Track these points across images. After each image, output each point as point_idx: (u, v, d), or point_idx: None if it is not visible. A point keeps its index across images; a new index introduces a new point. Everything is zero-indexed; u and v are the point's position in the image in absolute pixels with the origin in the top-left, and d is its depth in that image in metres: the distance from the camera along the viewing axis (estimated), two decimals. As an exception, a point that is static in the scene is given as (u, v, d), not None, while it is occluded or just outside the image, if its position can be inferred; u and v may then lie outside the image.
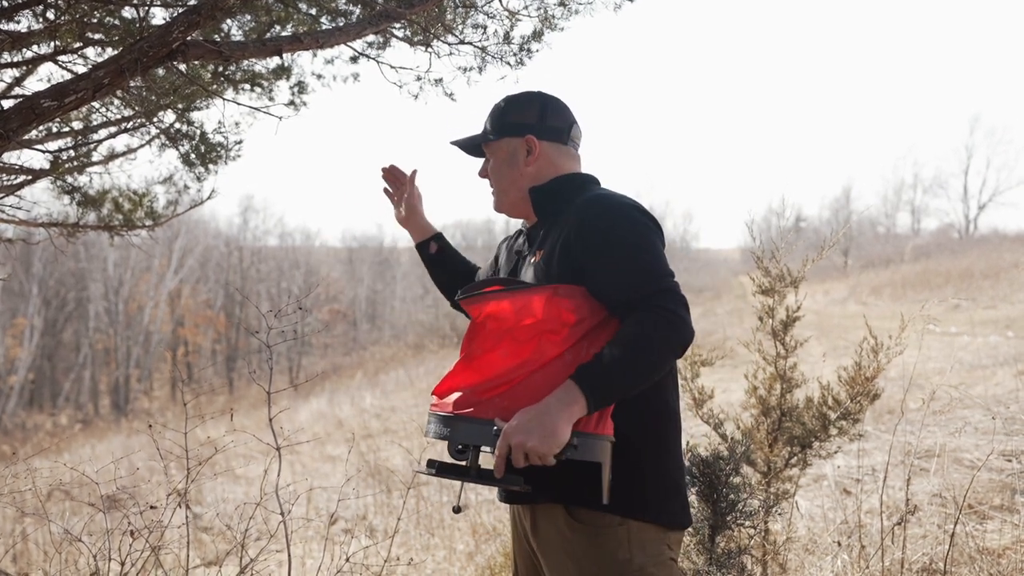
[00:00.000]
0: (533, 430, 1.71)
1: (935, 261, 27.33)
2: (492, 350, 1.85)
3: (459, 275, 2.49)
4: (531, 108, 2.11)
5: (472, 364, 1.87)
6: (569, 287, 1.88)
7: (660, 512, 1.92)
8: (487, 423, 1.78)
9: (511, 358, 1.83)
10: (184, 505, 2.93)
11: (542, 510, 1.96)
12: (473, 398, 1.83)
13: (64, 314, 37.66)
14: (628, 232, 1.88)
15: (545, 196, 2.07)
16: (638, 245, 1.87)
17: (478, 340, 1.88)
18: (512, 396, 1.81)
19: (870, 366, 3.34)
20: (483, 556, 4.96)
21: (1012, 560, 3.58)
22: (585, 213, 1.92)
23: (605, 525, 1.87)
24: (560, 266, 1.92)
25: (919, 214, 51.04)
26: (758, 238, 3.60)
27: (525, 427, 1.71)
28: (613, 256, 1.86)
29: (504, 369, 1.83)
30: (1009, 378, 7.75)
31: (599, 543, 1.87)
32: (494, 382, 1.83)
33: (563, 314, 1.85)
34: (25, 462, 4.20)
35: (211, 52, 2.94)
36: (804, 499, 5.05)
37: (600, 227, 1.89)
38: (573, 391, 1.73)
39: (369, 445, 11.40)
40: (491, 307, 1.87)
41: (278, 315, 2.74)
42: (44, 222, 4.83)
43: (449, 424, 1.82)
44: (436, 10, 3.66)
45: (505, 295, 1.87)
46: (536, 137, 2.09)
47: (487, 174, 2.18)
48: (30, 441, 23.22)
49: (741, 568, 2.87)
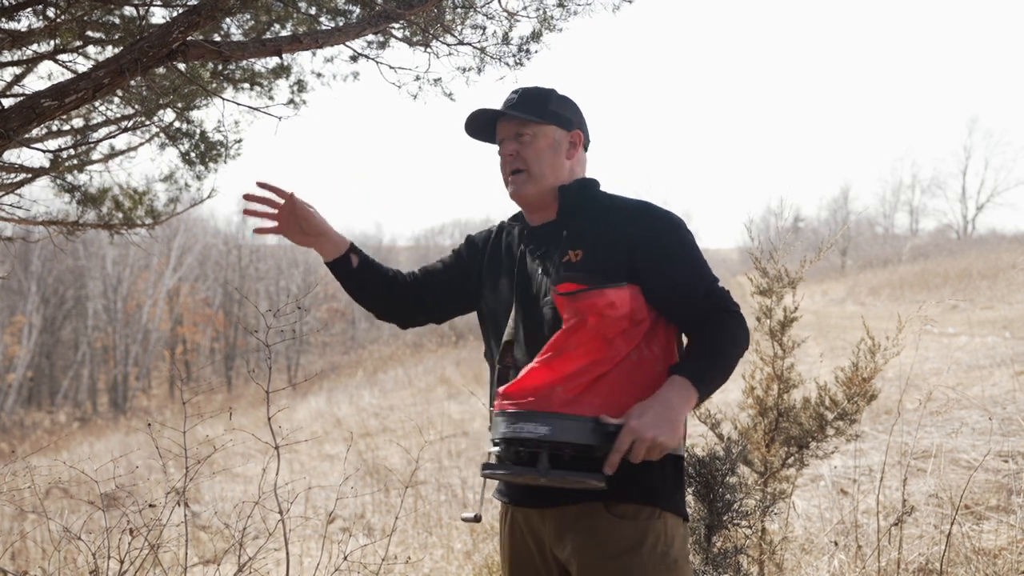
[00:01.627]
0: (662, 425, 1.76)
1: (933, 262, 27.34)
2: (579, 346, 1.87)
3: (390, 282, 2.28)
4: (573, 109, 2.13)
5: (554, 362, 1.87)
6: (636, 287, 1.93)
7: (682, 504, 1.99)
8: (588, 420, 1.79)
9: (589, 355, 1.86)
10: (183, 503, 2.94)
11: (572, 511, 1.93)
12: (564, 396, 1.83)
13: (63, 312, 37.62)
14: (688, 242, 2.00)
15: (573, 195, 2.08)
16: (698, 254, 2.00)
17: (577, 336, 1.88)
18: (599, 393, 1.84)
19: (867, 367, 3.35)
20: (481, 555, 4.97)
21: (1008, 560, 3.59)
22: (642, 221, 2.00)
23: (644, 518, 1.90)
24: (616, 268, 1.93)
25: (917, 215, 51.08)
26: (756, 239, 3.61)
27: (654, 422, 1.76)
28: (680, 264, 1.97)
29: (582, 366, 1.85)
30: (1006, 379, 7.76)
31: (639, 537, 1.88)
32: (574, 380, 1.84)
33: (636, 313, 1.91)
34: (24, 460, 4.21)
35: (211, 52, 2.95)
36: (801, 499, 5.07)
37: (662, 235, 1.98)
38: (688, 388, 1.82)
39: (367, 444, 11.40)
40: (602, 302, 1.87)
41: (276, 314, 2.74)
42: (43, 220, 4.84)
43: (547, 421, 1.79)
44: (435, 11, 3.67)
45: (602, 292, 1.88)
46: (583, 136, 2.14)
47: (517, 153, 2.08)
48: (28, 439, 23.21)
49: (737, 567, 2.88)
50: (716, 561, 2.82)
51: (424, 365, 22.15)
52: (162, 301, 38.75)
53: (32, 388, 35.61)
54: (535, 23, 3.93)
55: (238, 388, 33.98)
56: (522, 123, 2.08)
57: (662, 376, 1.90)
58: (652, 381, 1.88)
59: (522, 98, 2.10)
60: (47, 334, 36.43)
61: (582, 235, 2.01)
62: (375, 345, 36.81)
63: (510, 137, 2.10)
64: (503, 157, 2.11)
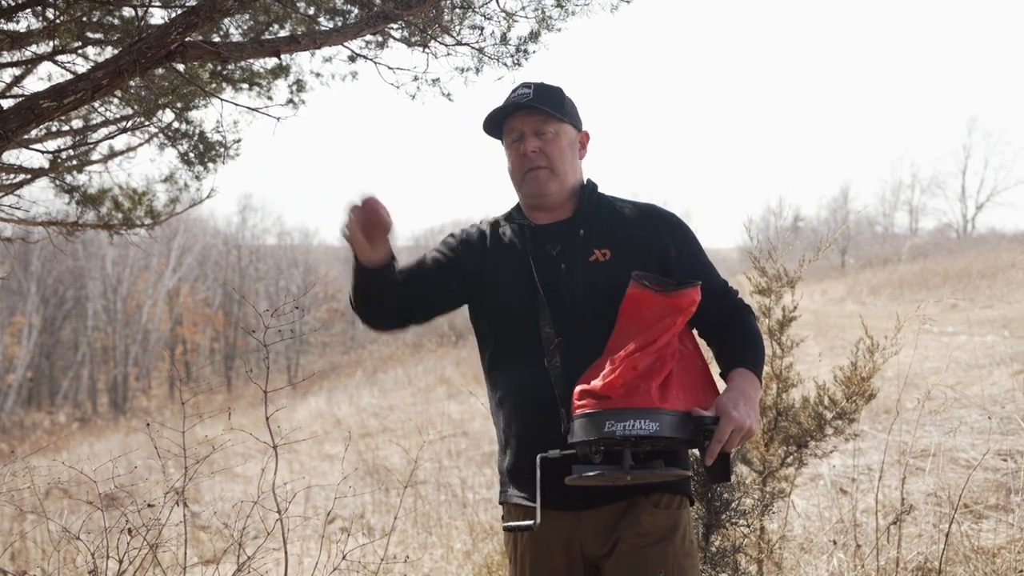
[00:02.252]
0: (753, 414, 1.85)
1: (933, 261, 27.32)
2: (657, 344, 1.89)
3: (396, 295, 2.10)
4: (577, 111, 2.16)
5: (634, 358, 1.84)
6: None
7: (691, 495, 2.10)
8: (684, 414, 1.82)
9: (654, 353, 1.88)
10: (182, 503, 2.94)
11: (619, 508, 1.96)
12: (660, 392, 1.84)
13: (62, 312, 37.63)
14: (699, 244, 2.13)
15: (589, 195, 2.11)
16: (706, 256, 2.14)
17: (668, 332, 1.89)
18: (674, 388, 1.87)
19: (866, 366, 3.36)
20: (480, 555, 4.98)
21: (1007, 559, 3.59)
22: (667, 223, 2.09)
23: (676, 507, 1.99)
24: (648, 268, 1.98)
25: (917, 214, 51.03)
26: (755, 238, 3.62)
27: (748, 413, 1.84)
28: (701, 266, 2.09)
29: (650, 363, 1.87)
30: (1006, 378, 7.77)
31: (673, 524, 1.97)
32: (649, 377, 1.84)
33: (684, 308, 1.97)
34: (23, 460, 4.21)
35: (209, 52, 2.95)
36: (801, 498, 5.07)
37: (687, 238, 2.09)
38: (755, 380, 1.95)
39: (367, 444, 11.41)
40: (686, 302, 1.92)
41: (274, 314, 2.74)
42: (43, 221, 4.84)
43: (657, 418, 1.77)
44: (433, 11, 3.68)
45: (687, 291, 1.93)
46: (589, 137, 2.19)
47: (540, 150, 2.02)
48: (28, 439, 23.21)
49: (735, 566, 2.88)
50: (714, 560, 2.82)
51: (424, 365, 22.14)
52: (162, 301, 38.75)
53: (32, 388, 35.61)
54: (533, 23, 3.94)
55: (238, 388, 33.99)
56: (544, 120, 2.02)
57: (703, 370, 1.97)
58: (698, 375, 1.95)
59: (540, 93, 2.03)
60: (47, 334, 36.43)
61: (606, 235, 2.04)
62: (375, 345, 36.80)
63: (531, 133, 2.02)
64: (525, 153, 2.02)
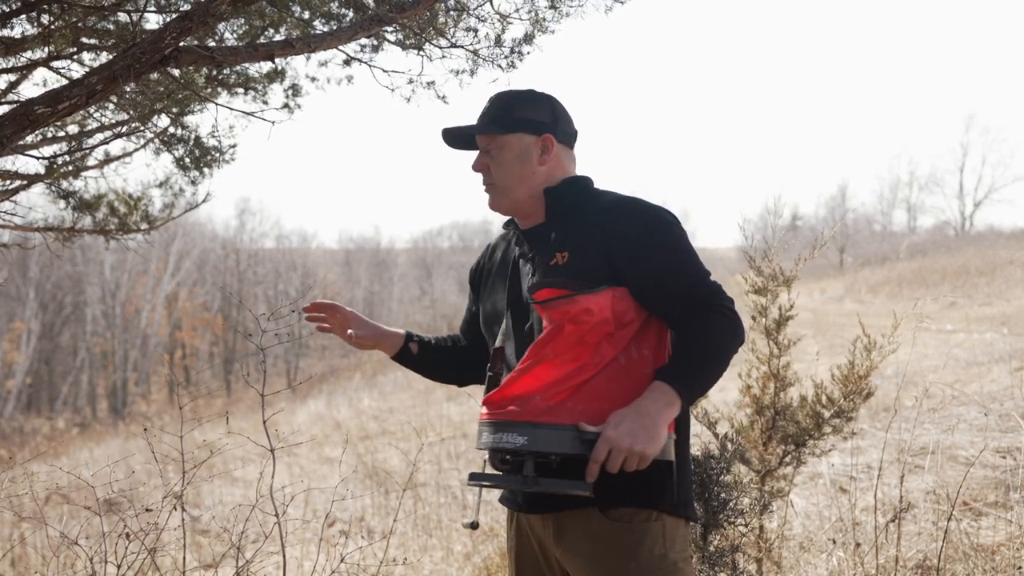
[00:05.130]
0: (638, 433, 1.70)
1: (931, 259, 27.35)
2: (560, 354, 1.82)
3: (453, 355, 2.32)
4: (544, 108, 2.06)
5: (534, 370, 1.83)
6: (621, 289, 1.87)
7: (687, 506, 1.94)
8: (568, 428, 1.75)
9: (573, 362, 1.81)
10: (181, 508, 2.94)
11: (570, 516, 1.92)
12: (543, 404, 1.79)
13: (61, 318, 37.61)
14: (672, 236, 1.92)
15: (558, 197, 2.03)
16: (685, 249, 1.92)
17: (554, 344, 1.83)
18: (580, 400, 1.80)
19: (863, 364, 3.36)
20: (480, 557, 4.98)
21: (1006, 556, 3.59)
22: (625, 218, 1.92)
23: (641, 521, 1.87)
24: (599, 269, 1.89)
25: (915, 212, 51.10)
26: (751, 237, 3.61)
27: (630, 431, 1.70)
28: (665, 260, 1.89)
29: (565, 373, 1.81)
30: (1004, 375, 7.77)
31: (636, 539, 1.86)
32: (556, 387, 1.80)
33: (620, 316, 1.85)
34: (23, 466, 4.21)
35: (204, 57, 2.95)
36: (800, 497, 5.07)
37: (646, 231, 1.90)
38: (669, 392, 1.76)
39: (367, 446, 11.41)
40: (576, 309, 1.81)
41: (271, 317, 2.74)
42: (40, 226, 4.84)
43: (525, 431, 1.76)
44: (428, 14, 3.68)
45: (583, 297, 1.83)
46: (554, 138, 2.05)
47: (486, 168, 2.06)
48: (28, 445, 23.19)
49: (734, 566, 2.88)
50: (712, 560, 2.82)
51: (423, 367, 22.06)
52: (160, 306, 38.74)
53: (31, 394, 35.58)
54: (527, 25, 3.94)
55: (237, 392, 33.97)
56: (489, 138, 2.05)
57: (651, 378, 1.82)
58: (641, 385, 1.82)
59: (489, 108, 2.06)
60: (46, 340, 36.41)
61: (569, 236, 1.96)
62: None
63: (482, 151, 2.07)
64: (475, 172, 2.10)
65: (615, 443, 1.70)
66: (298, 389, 22.67)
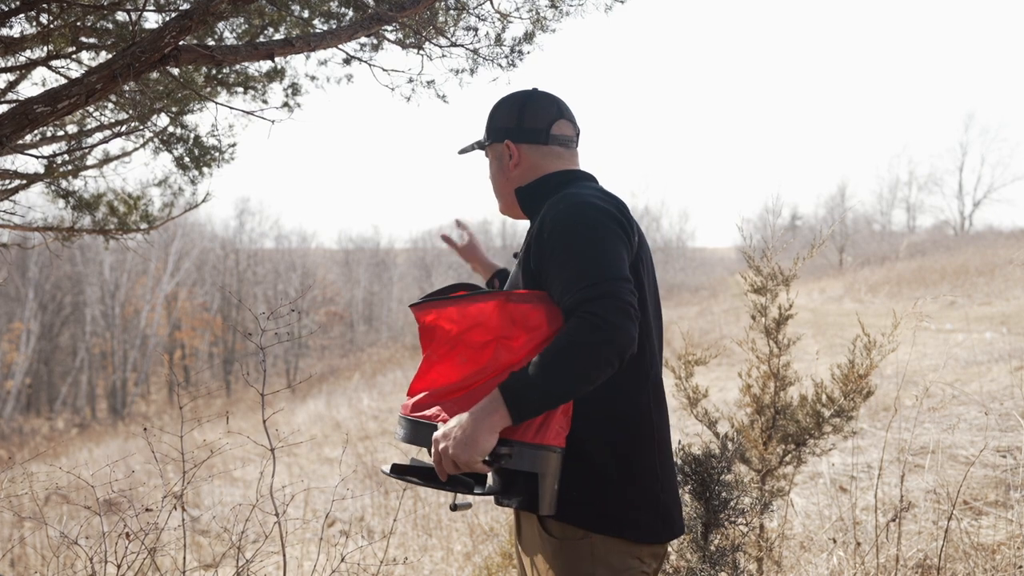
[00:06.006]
0: (453, 436, 1.72)
1: (931, 258, 27.37)
2: (448, 355, 1.87)
3: None
4: (511, 111, 2.08)
5: (433, 368, 1.90)
6: (527, 292, 1.84)
7: (625, 526, 1.84)
8: (432, 427, 1.81)
9: (469, 364, 1.84)
10: (181, 508, 2.94)
11: (524, 515, 1.97)
12: (431, 401, 1.87)
13: (60, 318, 37.59)
14: (576, 233, 1.80)
15: (526, 197, 2.07)
16: (583, 247, 1.78)
17: (432, 345, 1.92)
18: (470, 401, 1.81)
19: (863, 364, 3.36)
20: (480, 556, 4.97)
21: (1006, 555, 3.59)
22: (545, 214, 1.88)
23: (569, 537, 1.84)
24: (524, 271, 1.91)
25: (914, 211, 51.10)
26: (751, 237, 3.62)
27: (447, 433, 1.73)
28: (559, 259, 1.80)
29: (464, 375, 1.85)
30: (1004, 374, 7.77)
31: (564, 556, 1.84)
32: (456, 386, 1.86)
33: (518, 320, 1.80)
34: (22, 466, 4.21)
35: (203, 56, 2.95)
36: (800, 496, 5.07)
37: (553, 228, 1.83)
38: (496, 400, 1.71)
39: (366, 446, 11.40)
40: (432, 315, 1.91)
41: (271, 317, 2.74)
42: (39, 226, 4.84)
43: (407, 427, 1.89)
44: (428, 13, 3.67)
45: (451, 303, 1.89)
46: (513, 141, 2.06)
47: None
48: (27, 446, 23.18)
49: (735, 565, 2.88)
50: (713, 559, 2.82)
51: (423, 367, 22.07)
52: (160, 306, 38.72)
53: (31, 395, 35.56)
54: (527, 24, 3.94)
55: (237, 392, 33.97)
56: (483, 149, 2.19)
57: None
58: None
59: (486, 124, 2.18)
60: (45, 340, 36.40)
61: (527, 236, 1.97)
62: (373, 348, 36.79)
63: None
64: None
65: (436, 444, 1.75)
66: (297, 389, 22.68)
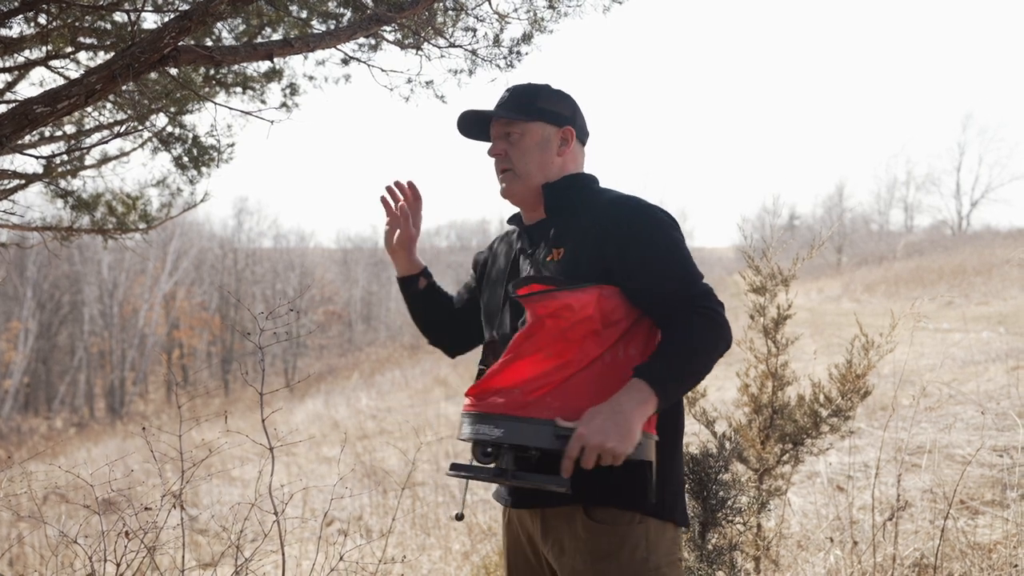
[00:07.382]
0: (610, 430, 1.70)
1: (928, 258, 27.41)
2: (542, 349, 1.83)
3: (444, 311, 2.40)
4: (566, 103, 2.11)
5: (515, 364, 1.84)
6: (610, 288, 1.87)
7: (674, 510, 1.94)
8: (546, 423, 1.76)
9: (556, 358, 1.82)
10: (179, 507, 2.94)
11: (555, 513, 1.93)
12: (522, 398, 1.80)
13: (59, 317, 37.56)
14: (665, 236, 1.92)
15: (558, 193, 2.06)
16: (677, 249, 1.92)
17: (535, 339, 1.84)
18: (560, 396, 1.80)
19: (861, 363, 3.37)
20: (479, 556, 4.98)
21: (1002, 555, 3.60)
22: (619, 216, 1.93)
23: (624, 523, 1.86)
24: (590, 266, 1.90)
25: (912, 211, 51.09)
26: (750, 237, 3.62)
27: (602, 427, 1.70)
28: (656, 260, 1.89)
29: (547, 369, 1.81)
30: (1001, 374, 7.78)
31: (618, 542, 1.86)
32: (538, 382, 1.81)
33: (607, 314, 1.85)
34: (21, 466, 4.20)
35: (202, 56, 2.95)
36: (797, 496, 5.08)
37: (638, 231, 1.91)
38: (645, 390, 1.74)
39: (365, 446, 11.41)
40: (556, 304, 1.82)
41: (269, 316, 2.75)
42: (38, 226, 4.84)
43: (501, 424, 1.78)
44: (426, 13, 3.68)
45: (564, 293, 1.83)
46: (575, 132, 2.10)
47: (504, 153, 2.09)
48: (25, 445, 23.15)
49: (732, 564, 2.89)
50: (710, 558, 2.83)
51: (421, 367, 22.14)
52: (158, 305, 38.71)
53: (29, 394, 35.53)
54: (526, 25, 3.95)
55: (235, 391, 33.95)
56: (510, 122, 2.08)
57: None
58: (620, 385, 1.80)
59: (511, 97, 2.10)
60: (43, 339, 36.36)
61: (566, 233, 1.98)
62: (372, 347, 36.80)
63: (499, 136, 2.10)
64: (492, 156, 2.12)
65: (587, 439, 1.70)
66: (296, 388, 22.68)
